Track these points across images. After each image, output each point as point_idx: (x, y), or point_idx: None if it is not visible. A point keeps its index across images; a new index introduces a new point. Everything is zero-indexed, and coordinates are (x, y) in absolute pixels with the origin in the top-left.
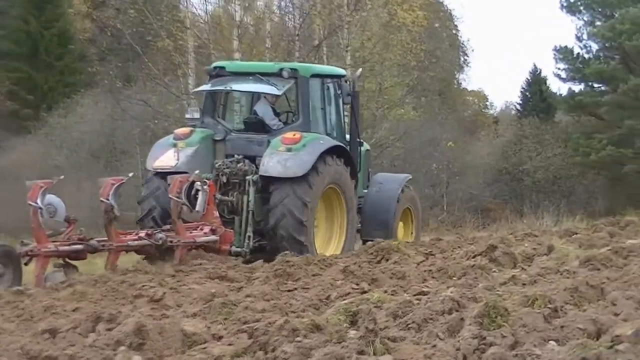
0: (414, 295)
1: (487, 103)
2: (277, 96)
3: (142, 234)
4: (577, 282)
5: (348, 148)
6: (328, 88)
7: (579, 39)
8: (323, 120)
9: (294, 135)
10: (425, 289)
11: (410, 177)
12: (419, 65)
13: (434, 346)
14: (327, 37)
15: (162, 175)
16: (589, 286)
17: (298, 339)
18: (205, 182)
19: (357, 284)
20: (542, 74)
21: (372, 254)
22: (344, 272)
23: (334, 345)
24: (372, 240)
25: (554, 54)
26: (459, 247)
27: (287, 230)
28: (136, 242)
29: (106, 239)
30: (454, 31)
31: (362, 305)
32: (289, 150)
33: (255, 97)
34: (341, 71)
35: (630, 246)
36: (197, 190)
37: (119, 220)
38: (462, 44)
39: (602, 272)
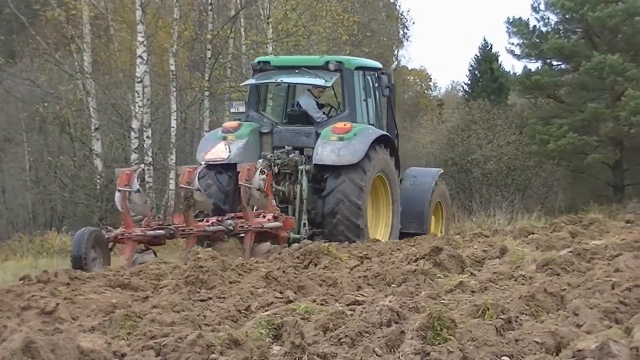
0: (347, 305)
1: (431, 83)
2: (325, 88)
3: (214, 220)
4: (533, 289)
5: None
6: (368, 81)
7: (535, 9)
8: (365, 111)
9: (345, 125)
10: (359, 298)
11: (442, 171)
12: (351, 39)
13: None
14: (245, 6)
15: (214, 167)
16: (548, 294)
17: (213, 356)
18: (264, 171)
19: (282, 293)
20: (494, 50)
21: (298, 257)
22: (266, 279)
23: None
24: (407, 233)
25: (507, 27)
26: (398, 249)
27: (344, 215)
28: (212, 228)
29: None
30: (391, 0)
31: (287, 316)
32: (341, 139)
33: (292, 90)
34: (379, 64)
35: (594, 248)
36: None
37: (196, 207)
38: (402, 15)
39: (563, 278)
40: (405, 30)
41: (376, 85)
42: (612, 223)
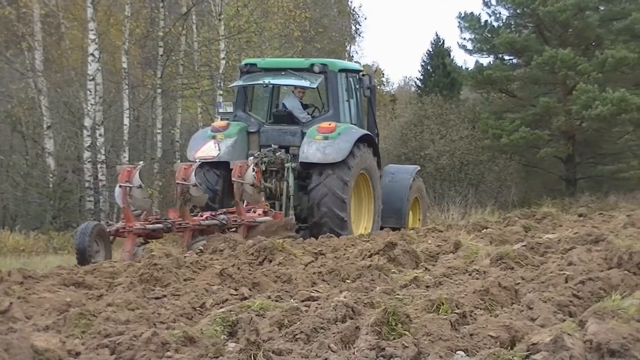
0: (302, 301)
1: (383, 79)
2: (310, 89)
3: (208, 214)
4: (487, 283)
5: None
6: (351, 82)
7: (486, 4)
8: (348, 112)
9: (329, 124)
10: (314, 294)
11: (419, 168)
12: (303, 35)
13: (326, 359)
14: (197, 3)
15: (204, 165)
16: (502, 288)
17: (168, 353)
18: (253, 169)
19: (236, 289)
20: (446, 45)
21: (252, 254)
22: (221, 276)
23: None
24: (387, 227)
25: (459, 22)
26: (352, 245)
27: (329, 207)
28: (207, 222)
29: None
30: None
31: (242, 313)
32: (326, 138)
33: (277, 92)
34: (360, 67)
35: (547, 241)
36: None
37: (192, 201)
38: (353, 10)
39: (516, 272)
40: (357, 26)
41: (358, 86)
42: (565, 217)
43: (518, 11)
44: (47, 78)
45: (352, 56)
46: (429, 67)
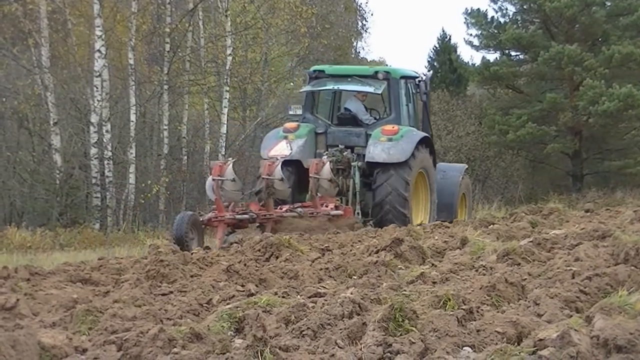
0: (309, 297)
1: None
2: (375, 95)
3: (286, 207)
4: (494, 279)
5: None
6: (409, 88)
7: (493, 0)
8: (407, 115)
9: (393, 127)
10: (321, 290)
11: (467, 166)
12: (310, 32)
13: (333, 355)
14: None
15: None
16: (508, 284)
17: (175, 350)
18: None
19: (243, 286)
20: (452, 41)
21: (259, 250)
22: (228, 272)
23: (217, 357)
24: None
25: (465, 18)
26: (359, 241)
27: (392, 205)
28: (287, 214)
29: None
30: None
31: (249, 309)
32: (390, 140)
33: (338, 96)
34: (418, 74)
35: (554, 237)
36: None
37: (276, 194)
38: (360, 6)
39: (523, 268)
40: (363, 22)
41: (415, 91)
42: (572, 212)
43: (524, 7)
44: (54, 74)
45: (359, 52)
46: (435, 63)
